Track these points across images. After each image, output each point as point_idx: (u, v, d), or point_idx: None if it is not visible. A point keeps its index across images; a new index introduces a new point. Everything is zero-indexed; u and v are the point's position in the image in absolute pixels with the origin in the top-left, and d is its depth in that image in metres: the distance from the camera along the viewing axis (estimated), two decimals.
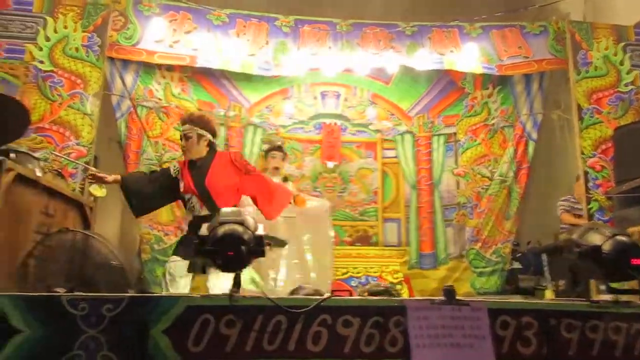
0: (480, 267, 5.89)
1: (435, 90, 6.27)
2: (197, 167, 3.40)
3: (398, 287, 5.54)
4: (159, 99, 5.77)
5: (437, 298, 1.98)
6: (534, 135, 6.01)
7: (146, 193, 3.38)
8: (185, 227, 5.52)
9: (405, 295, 5.36)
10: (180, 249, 3.34)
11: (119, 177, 3.37)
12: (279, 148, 4.98)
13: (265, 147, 5.24)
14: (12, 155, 2.71)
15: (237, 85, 6.07)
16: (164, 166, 5.70)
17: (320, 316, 1.92)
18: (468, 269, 5.91)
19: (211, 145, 3.50)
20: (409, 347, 1.90)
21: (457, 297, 1.98)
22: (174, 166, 3.52)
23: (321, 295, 2.44)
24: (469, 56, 5.75)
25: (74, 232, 2.31)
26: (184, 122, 3.51)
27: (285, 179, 4.73)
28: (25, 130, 3.10)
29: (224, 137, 6.00)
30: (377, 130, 6.26)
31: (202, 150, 3.44)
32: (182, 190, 3.39)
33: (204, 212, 3.29)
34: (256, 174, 3.57)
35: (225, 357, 1.87)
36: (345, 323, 1.93)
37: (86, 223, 3.14)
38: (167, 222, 5.53)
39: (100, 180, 3.28)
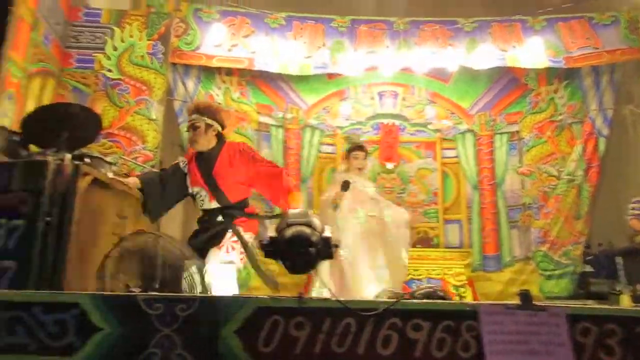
0: (549, 270, 5.68)
1: (497, 87, 6.09)
2: (204, 159, 3.19)
3: (461, 290, 5.42)
4: (219, 103, 5.90)
5: (511, 303, 1.91)
6: (605, 132, 5.75)
7: (160, 194, 3.12)
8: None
9: (469, 298, 5.24)
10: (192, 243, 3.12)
11: (137, 180, 3.11)
12: (361, 147, 4.74)
13: (347, 146, 4.98)
14: (86, 160, 2.85)
15: (295, 87, 6.13)
16: None
17: (390, 319, 1.89)
18: (535, 271, 5.71)
19: (219, 136, 3.27)
20: (482, 352, 1.85)
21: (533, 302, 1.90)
22: (183, 160, 3.30)
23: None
24: (533, 50, 5.57)
25: (148, 233, 2.39)
26: (191, 112, 3.27)
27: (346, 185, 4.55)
28: (97, 137, 3.23)
29: (282, 139, 6.07)
30: (437, 130, 6.15)
31: (210, 141, 3.20)
32: (189, 184, 3.20)
33: (214, 205, 3.10)
34: (265, 163, 3.29)
35: (294, 358, 1.87)
36: (415, 327, 1.90)
37: (158, 225, 3.24)
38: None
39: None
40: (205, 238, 3.03)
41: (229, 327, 1.88)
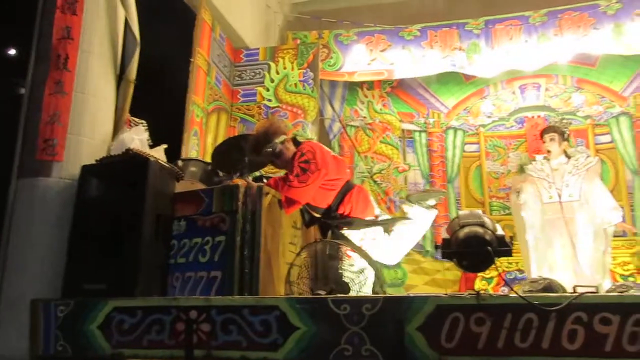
0: None
1: None
2: None
3: (630, 279, 4.86)
4: (364, 117, 6.00)
5: None
6: None
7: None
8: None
9: None
10: None
11: None
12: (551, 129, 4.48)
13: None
14: (264, 180, 3.07)
15: (434, 92, 6.00)
16: (375, 177, 5.92)
17: (574, 313, 1.76)
18: None
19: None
20: None
21: None
22: None
23: (556, 288, 2.25)
24: None
25: (325, 242, 2.50)
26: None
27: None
28: (268, 162, 3.44)
29: (426, 143, 5.98)
30: (587, 116, 5.60)
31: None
32: None
33: None
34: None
35: (478, 353, 1.83)
36: (602, 320, 1.74)
37: (324, 231, 3.36)
38: None
39: None
40: None
41: (412, 324, 1.89)
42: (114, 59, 2.98)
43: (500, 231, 1.84)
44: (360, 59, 5.70)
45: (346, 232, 2.75)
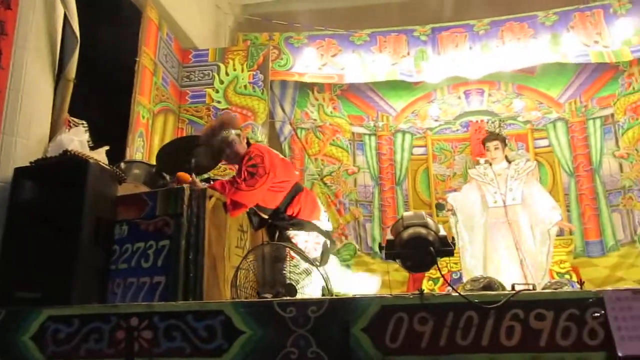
0: None
1: (586, 72, 5.66)
2: None
3: (566, 277, 5.10)
4: (314, 120, 6.01)
5: (638, 288, 1.76)
6: None
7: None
8: (348, 232, 5.74)
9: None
10: None
11: None
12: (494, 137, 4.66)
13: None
14: (212, 183, 3.01)
15: (383, 96, 6.08)
16: (325, 180, 5.94)
17: (511, 311, 1.81)
18: None
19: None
20: (611, 339, 1.72)
21: None
22: None
23: (496, 286, 2.32)
24: (618, 39, 5.13)
25: (271, 244, 2.48)
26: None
27: None
28: (218, 163, 3.41)
29: (375, 146, 6.06)
30: (527, 121, 5.83)
31: None
32: None
33: None
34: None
35: (421, 352, 1.85)
36: (538, 316, 1.80)
37: (272, 234, 3.33)
38: (332, 230, 5.70)
39: None
40: None
41: (358, 325, 1.90)
42: (52, 56, 2.85)
43: (442, 232, 1.87)
44: (311, 63, 5.72)
45: (292, 233, 2.76)
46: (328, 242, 2.98)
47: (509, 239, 4.38)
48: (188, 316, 2.03)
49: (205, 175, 3.51)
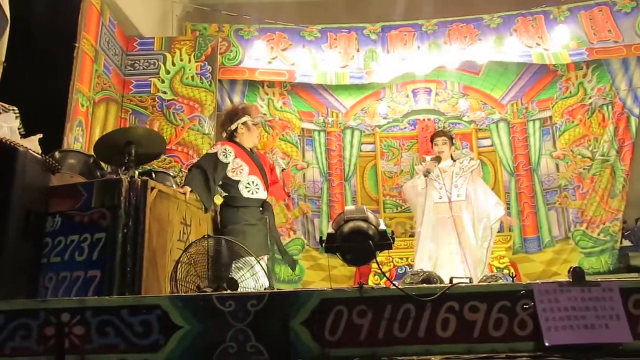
0: (588, 248, 5.51)
1: (527, 75, 5.92)
2: (253, 154, 3.45)
3: (505, 271, 5.30)
4: (264, 114, 5.97)
5: (565, 280, 1.85)
6: (636, 111, 5.55)
7: (207, 188, 3.12)
8: (297, 227, 5.74)
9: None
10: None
11: (187, 188, 3.02)
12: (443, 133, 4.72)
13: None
14: (153, 175, 2.93)
15: (333, 92, 6.12)
16: None
17: (446, 303, 1.86)
18: (575, 250, 5.54)
19: None
20: (539, 330, 1.80)
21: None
22: (222, 150, 3.28)
23: (434, 280, 2.37)
24: (557, 43, 5.40)
25: (212, 237, 2.44)
26: (244, 113, 3.46)
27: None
28: (161, 155, 3.32)
29: (324, 142, 6.08)
30: (471, 121, 6.02)
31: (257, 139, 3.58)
32: (239, 172, 3.27)
33: (265, 195, 3.36)
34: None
35: (360, 344, 1.87)
36: (472, 309, 1.86)
37: (216, 228, 3.30)
38: (280, 224, 5.69)
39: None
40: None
41: (297, 319, 1.89)
42: None
43: (382, 226, 1.90)
44: (260, 56, 5.68)
45: None
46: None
47: (453, 235, 4.50)
48: (122, 311, 1.96)
49: (147, 167, 3.42)
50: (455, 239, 4.47)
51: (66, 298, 2.19)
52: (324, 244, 1.89)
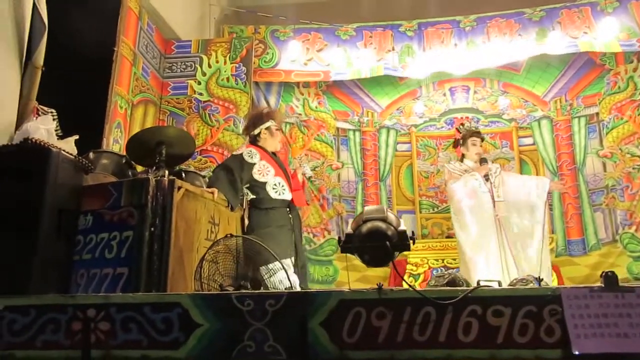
0: (638, 251, 5.20)
1: (572, 71, 5.67)
2: (277, 156, 3.51)
3: None
4: (299, 114, 5.98)
5: (596, 285, 1.75)
6: None
7: (234, 189, 3.14)
8: (331, 227, 5.72)
9: (554, 284, 4.91)
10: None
11: (215, 189, 3.01)
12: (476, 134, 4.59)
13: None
14: (183, 175, 2.98)
15: (369, 92, 6.07)
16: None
17: (469, 307, 1.80)
18: (623, 253, 5.24)
19: None
20: (567, 337, 1.71)
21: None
22: (248, 152, 3.32)
23: (459, 282, 2.29)
24: (606, 34, 5.14)
25: (237, 237, 2.45)
26: (270, 118, 3.48)
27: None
28: (193, 154, 3.38)
29: (359, 142, 6.04)
30: (512, 119, 5.83)
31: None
32: (266, 174, 3.29)
33: (290, 196, 3.36)
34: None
35: (378, 347, 1.83)
36: (495, 313, 1.79)
37: (244, 227, 3.32)
38: (315, 224, 5.69)
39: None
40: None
41: (315, 319, 1.87)
42: (19, 43, 2.81)
43: (402, 226, 1.85)
44: (296, 57, 5.70)
45: None
46: None
47: (497, 237, 4.33)
48: (145, 308, 2.00)
49: (183, 167, 3.49)
50: (502, 241, 4.30)
51: (92, 294, 2.25)
52: (340, 244, 1.86)
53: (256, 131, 3.42)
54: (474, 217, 4.34)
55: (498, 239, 4.27)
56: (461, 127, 4.81)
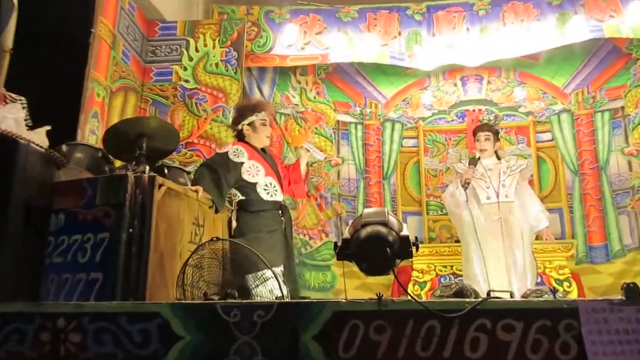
0: None
1: (595, 60, 5.67)
2: (266, 153, 3.49)
3: (565, 284, 5.11)
4: (296, 105, 5.97)
5: (616, 298, 1.75)
6: None
7: (219, 188, 3.14)
8: (329, 229, 5.71)
9: (574, 294, 4.91)
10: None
11: (199, 187, 3.00)
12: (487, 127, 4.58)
13: None
14: (165, 171, 2.97)
15: (372, 80, 6.08)
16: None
17: (477, 320, 1.80)
18: None
19: None
20: (584, 354, 1.70)
21: None
22: (234, 150, 3.30)
23: (467, 293, 2.29)
24: (634, 18, 5.13)
25: (224, 240, 2.44)
26: (261, 109, 3.46)
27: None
28: (175, 150, 3.37)
29: (362, 136, 6.04)
30: (529, 113, 5.83)
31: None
32: (254, 174, 3.28)
33: (282, 197, 3.39)
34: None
35: None
36: (506, 327, 1.79)
37: (231, 230, 3.32)
38: (312, 225, 5.69)
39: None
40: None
41: (308, 332, 1.87)
42: None
43: (405, 231, 1.84)
44: (293, 42, 5.67)
45: None
46: None
47: (500, 239, 4.37)
48: (121, 318, 1.99)
49: (167, 161, 3.48)
50: (503, 243, 4.34)
51: (63, 302, 2.24)
52: (336, 251, 1.85)
53: (239, 127, 3.41)
54: (463, 228, 4.51)
55: (498, 243, 4.30)
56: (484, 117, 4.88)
